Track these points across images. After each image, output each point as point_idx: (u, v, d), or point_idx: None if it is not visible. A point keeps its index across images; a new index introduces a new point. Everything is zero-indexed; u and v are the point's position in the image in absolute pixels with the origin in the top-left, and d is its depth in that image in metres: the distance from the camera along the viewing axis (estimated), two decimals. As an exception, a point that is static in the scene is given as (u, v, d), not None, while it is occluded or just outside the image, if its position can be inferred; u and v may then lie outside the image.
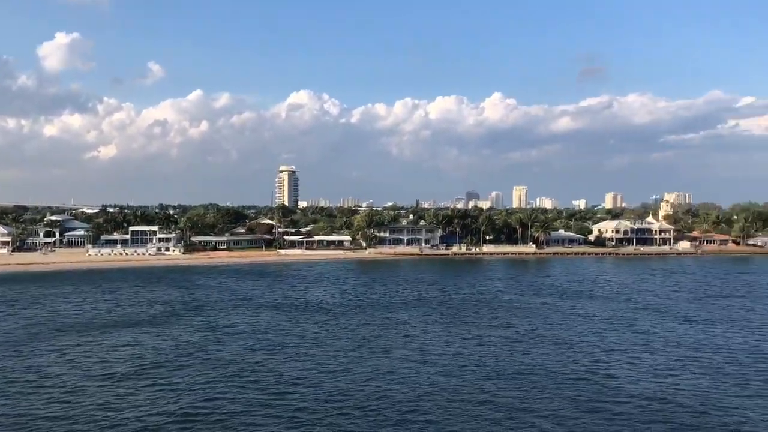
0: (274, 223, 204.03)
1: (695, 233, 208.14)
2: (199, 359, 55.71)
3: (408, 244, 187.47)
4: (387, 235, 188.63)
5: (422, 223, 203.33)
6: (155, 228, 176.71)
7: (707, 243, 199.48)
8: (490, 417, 41.18)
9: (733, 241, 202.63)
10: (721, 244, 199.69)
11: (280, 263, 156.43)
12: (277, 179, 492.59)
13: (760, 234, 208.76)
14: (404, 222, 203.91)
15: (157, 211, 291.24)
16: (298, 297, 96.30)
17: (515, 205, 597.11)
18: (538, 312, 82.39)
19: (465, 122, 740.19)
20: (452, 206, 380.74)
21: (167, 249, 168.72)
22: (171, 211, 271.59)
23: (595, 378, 50.08)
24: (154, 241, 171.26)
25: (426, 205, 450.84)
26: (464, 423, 40.03)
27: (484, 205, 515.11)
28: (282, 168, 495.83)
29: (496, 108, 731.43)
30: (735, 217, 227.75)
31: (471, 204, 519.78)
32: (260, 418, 40.88)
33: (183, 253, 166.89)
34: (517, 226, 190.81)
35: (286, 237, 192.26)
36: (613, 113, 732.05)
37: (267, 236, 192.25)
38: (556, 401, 44.41)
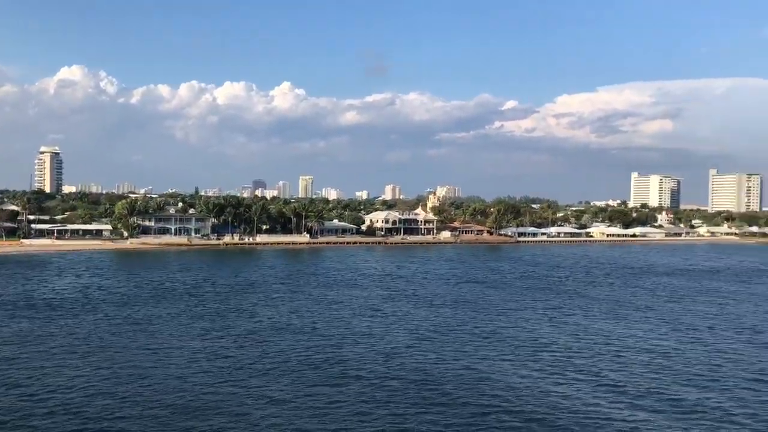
0: (18, 209, 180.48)
1: (456, 224, 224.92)
2: None
3: (176, 234, 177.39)
4: (152, 224, 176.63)
5: (191, 211, 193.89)
6: None
7: (466, 233, 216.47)
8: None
9: (488, 231, 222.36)
10: (477, 234, 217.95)
11: (22, 255, 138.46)
12: (36, 161, 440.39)
13: (511, 225, 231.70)
14: (172, 210, 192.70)
15: None
16: None
17: (301, 194, 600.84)
18: (291, 301, 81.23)
19: (254, 109, 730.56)
20: (238, 195, 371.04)
21: None
22: None
23: (330, 364, 49.43)
24: None
25: (211, 193, 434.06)
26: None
27: (271, 194, 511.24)
28: (43, 149, 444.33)
29: (285, 97, 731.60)
30: (491, 209, 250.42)
31: (258, 193, 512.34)
32: None
33: None
34: (292, 216, 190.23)
35: (34, 225, 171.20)
36: (395, 110, 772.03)
37: (9, 224, 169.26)
38: (292, 387, 42.70)
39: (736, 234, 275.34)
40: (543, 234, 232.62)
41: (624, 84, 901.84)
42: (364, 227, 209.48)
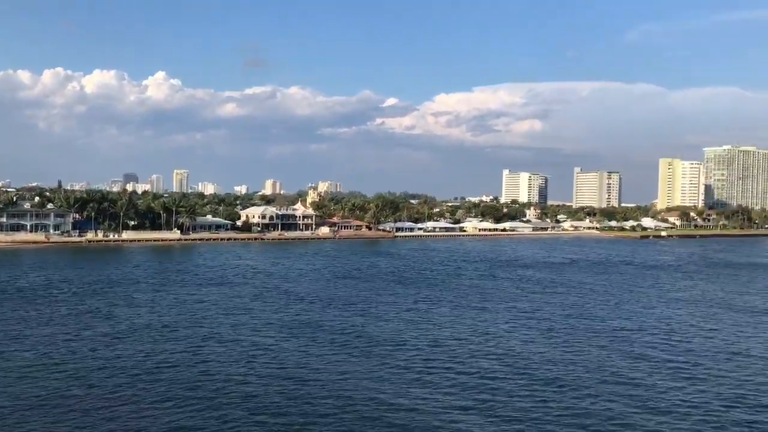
0: None
1: (335, 219, 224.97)
2: None
3: (32, 231, 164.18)
4: (4, 219, 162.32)
5: (50, 206, 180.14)
6: None
7: (345, 228, 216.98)
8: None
9: (367, 227, 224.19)
10: (357, 229, 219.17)
11: None
12: None
13: (390, 220, 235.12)
14: (28, 205, 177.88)
15: None
16: None
17: (176, 189, 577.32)
18: (154, 300, 77.19)
19: (126, 100, 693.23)
20: (107, 189, 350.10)
21: None
22: None
23: (188, 365, 47.14)
24: None
25: (78, 187, 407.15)
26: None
27: (144, 188, 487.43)
28: None
29: (160, 88, 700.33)
30: (370, 205, 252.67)
31: (129, 187, 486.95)
32: None
33: None
34: (162, 212, 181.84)
35: None
36: (276, 103, 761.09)
37: None
38: (144, 392, 40.08)
39: (596, 228, 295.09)
40: (420, 229, 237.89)
41: (498, 85, 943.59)
42: (239, 223, 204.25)
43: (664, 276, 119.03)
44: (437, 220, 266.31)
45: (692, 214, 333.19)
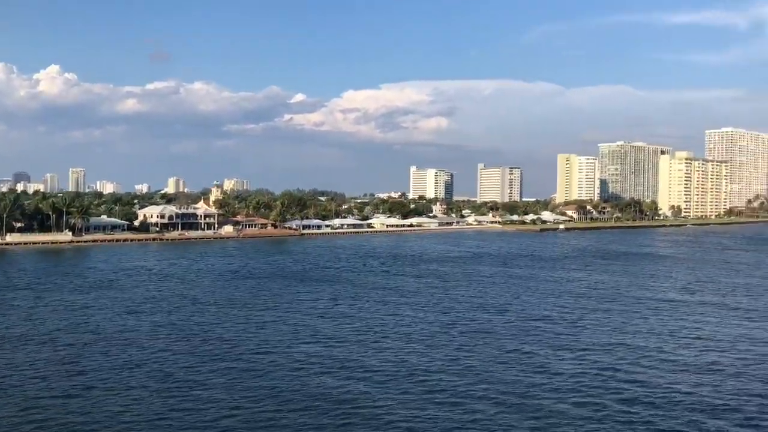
0: None
1: (239, 217, 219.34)
2: None
3: None
4: None
5: None
6: None
7: (249, 227, 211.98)
8: None
9: (273, 225, 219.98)
10: (261, 228, 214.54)
11: None
12: None
13: (296, 218, 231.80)
14: None
15: None
16: None
17: (72, 188, 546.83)
18: (34, 307, 71.84)
19: (15, 94, 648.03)
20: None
21: None
22: None
23: (68, 375, 43.79)
24: None
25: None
26: None
27: (37, 188, 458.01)
28: None
29: (54, 82, 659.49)
30: (276, 202, 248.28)
31: (20, 186, 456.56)
32: None
33: None
34: (51, 212, 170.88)
35: None
36: (180, 99, 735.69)
37: None
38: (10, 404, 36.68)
39: (499, 222, 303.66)
40: (327, 226, 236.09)
41: (405, 82, 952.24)
42: (137, 223, 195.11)
43: (558, 267, 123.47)
44: (345, 217, 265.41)
45: (588, 207, 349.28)
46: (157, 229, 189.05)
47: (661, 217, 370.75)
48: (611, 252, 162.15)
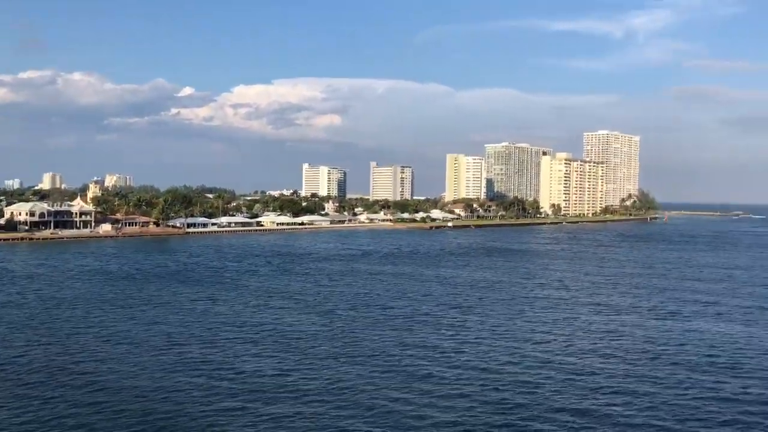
0: None
1: (119, 215, 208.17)
2: None
3: None
4: None
5: None
6: None
7: (129, 225, 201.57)
8: None
9: (155, 223, 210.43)
10: (142, 226, 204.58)
11: None
12: None
13: (180, 215, 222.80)
14: None
15: None
16: None
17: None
18: None
19: None
20: None
21: None
22: None
23: None
24: None
25: None
26: None
27: None
28: None
29: None
30: (159, 199, 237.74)
31: None
32: None
33: None
34: None
35: None
36: (57, 90, 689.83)
37: None
38: None
39: (390, 220, 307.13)
40: (214, 224, 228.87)
41: (298, 78, 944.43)
42: (3, 221, 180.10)
43: (444, 263, 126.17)
44: (233, 215, 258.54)
45: (475, 205, 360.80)
46: (27, 228, 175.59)
47: (543, 215, 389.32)
48: (494, 249, 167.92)
